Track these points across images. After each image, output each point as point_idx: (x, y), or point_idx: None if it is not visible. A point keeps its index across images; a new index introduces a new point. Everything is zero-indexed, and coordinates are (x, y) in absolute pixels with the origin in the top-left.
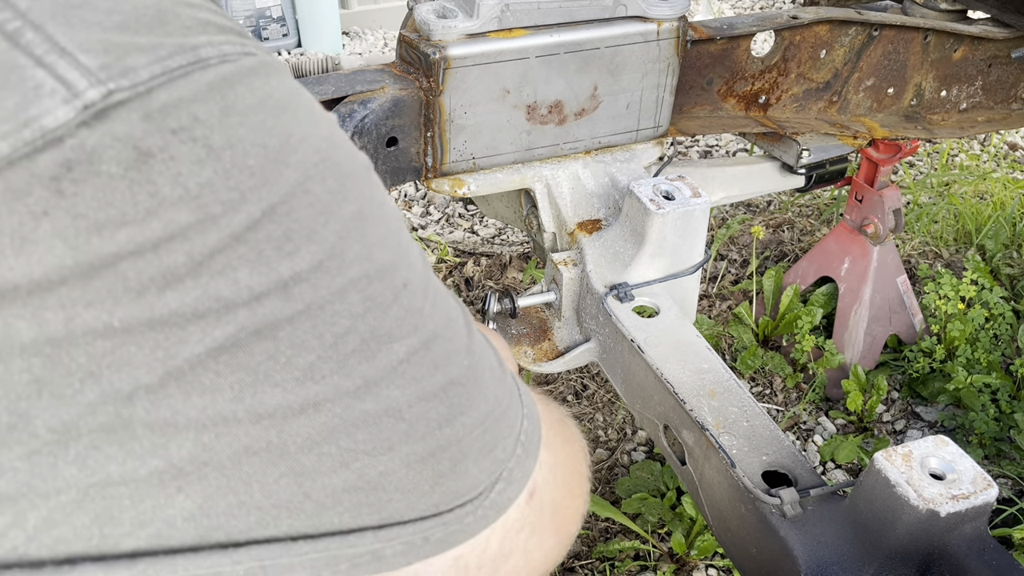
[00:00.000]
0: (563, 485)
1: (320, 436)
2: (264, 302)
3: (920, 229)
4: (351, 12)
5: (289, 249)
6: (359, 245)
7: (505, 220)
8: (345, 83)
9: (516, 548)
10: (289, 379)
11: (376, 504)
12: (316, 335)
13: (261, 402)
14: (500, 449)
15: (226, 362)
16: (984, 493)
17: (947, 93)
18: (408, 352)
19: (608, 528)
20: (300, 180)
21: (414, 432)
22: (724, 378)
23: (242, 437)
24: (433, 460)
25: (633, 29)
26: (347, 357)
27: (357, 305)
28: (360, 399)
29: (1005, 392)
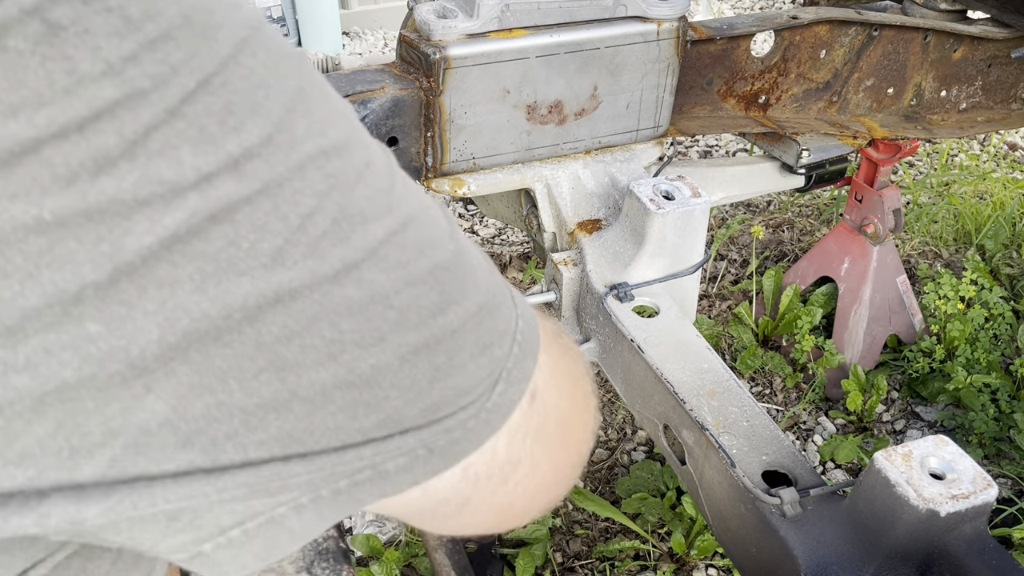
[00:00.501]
0: (566, 394)
1: (299, 326)
2: (215, 183)
3: (920, 229)
4: (351, 12)
5: (233, 123)
6: (307, 120)
7: (505, 220)
8: (345, 83)
9: (524, 455)
10: (256, 266)
11: (372, 402)
12: (280, 216)
13: (227, 291)
14: (497, 346)
15: (181, 251)
16: (984, 493)
17: (947, 93)
18: (387, 232)
19: (608, 528)
20: (231, 53)
21: (405, 320)
22: (724, 378)
23: (211, 331)
24: (429, 352)
25: (633, 29)
26: (319, 239)
27: (319, 182)
28: (340, 284)
29: (1005, 392)
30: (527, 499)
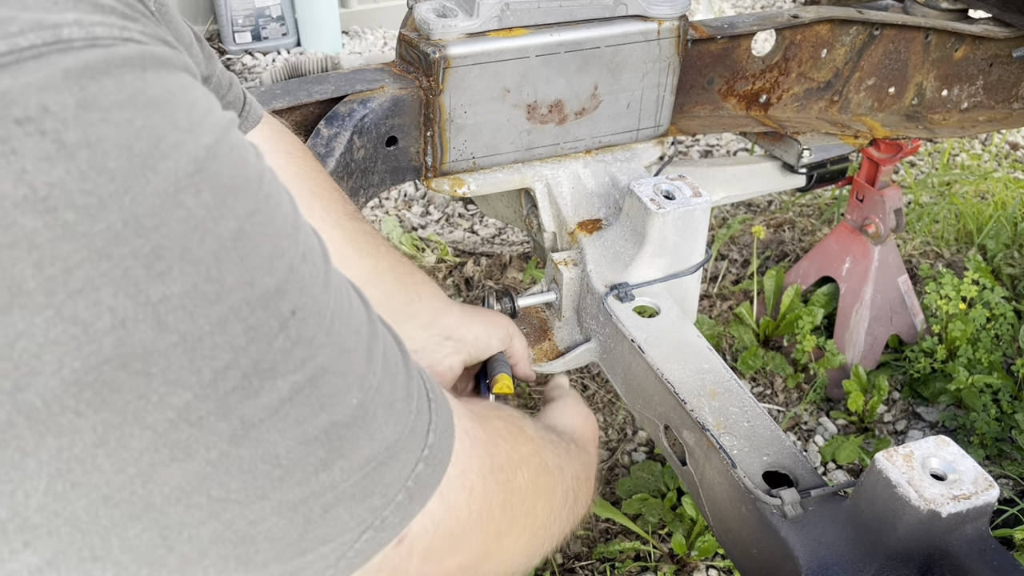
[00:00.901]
0: (447, 535)
1: (190, 486)
2: (133, 330)
3: (921, 229)
4: (351, 11)
5: (160, 268)
6: (239, 268)
7: (505, 220)
8: (345, 82)
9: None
10: (161, 420)
11: (243, 556)
12: (194, 370)
13: (127, 446)
14: (379, 496)
15: (88, 400)
16: (985, 493)
17: (948, 92)
18: (292, 390)
19: (608, 529)
20: (170, 191)
21: (289, 478)
22: (725, 378)
23: (102, 487)
24: (305, 507)
25: (633, 28)
26: (227, 396)
27: (239, 336)
28: (237, 444)
29: (1006, 392)
30: None
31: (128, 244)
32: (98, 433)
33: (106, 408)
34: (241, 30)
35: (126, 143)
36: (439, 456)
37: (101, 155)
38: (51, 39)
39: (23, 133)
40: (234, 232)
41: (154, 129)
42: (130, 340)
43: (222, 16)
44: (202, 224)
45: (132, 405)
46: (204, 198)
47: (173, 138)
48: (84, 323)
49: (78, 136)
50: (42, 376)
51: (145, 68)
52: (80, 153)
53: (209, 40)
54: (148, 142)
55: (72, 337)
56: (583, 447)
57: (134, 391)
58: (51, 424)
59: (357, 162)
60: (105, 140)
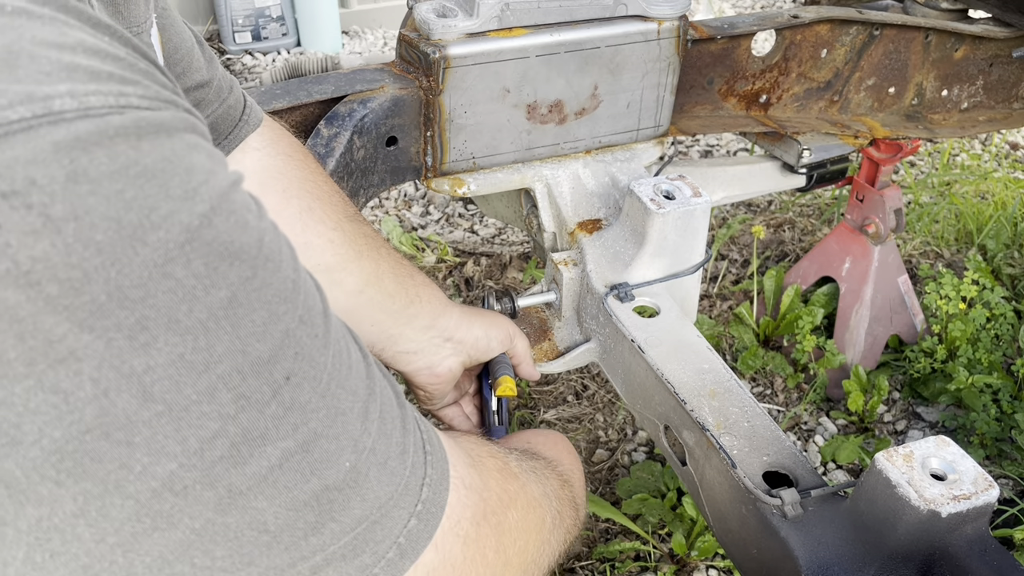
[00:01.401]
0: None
1: (174, 555)
2: (115, 400)
3: (921, 229)
4: (351, 11)
5: (144, 340)
6: (230, 336)
7: (505, 220)
8: (345, 82)
9: None
10: (144, 490)
11: None
12: (179, 440)
13: (108, 516)
14: (369, 553)
15: (69, 470)
16: (985, 494)
17: (948, 92)
18: (283, 456)
19: (608, 529)
20: (159, 262)
21: (277, 544)
22: (725, 378)
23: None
24: (293, 571)
25: (633, 28)
26: (213, 464)
27: (228, 405)
28: (223, 513)
29: (1006, 392)
30: None
31: (112, 316)
32: (78, 503)
33: (87, 478)
34: (241, 30)
35: (115, 215)
36: (432, 511)
37: (88, 228)
38: (41, 111)
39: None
40: (226, 301)
41: (146, 200)
42: (112, 410)
43: (222, 16)
44: (191, 294)
45: (114, 475)
46: (195, 267)
47: (166, 208)
48: (65, 392)
49: (65, 210)
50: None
51: (141, 136)
52: (67, 227)
53: (209, 40)
54: (139, 213)
55: (52, 407)
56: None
57: (116, 460)
58: (30, 494)
59: (357, 162)
60: (93, 213)
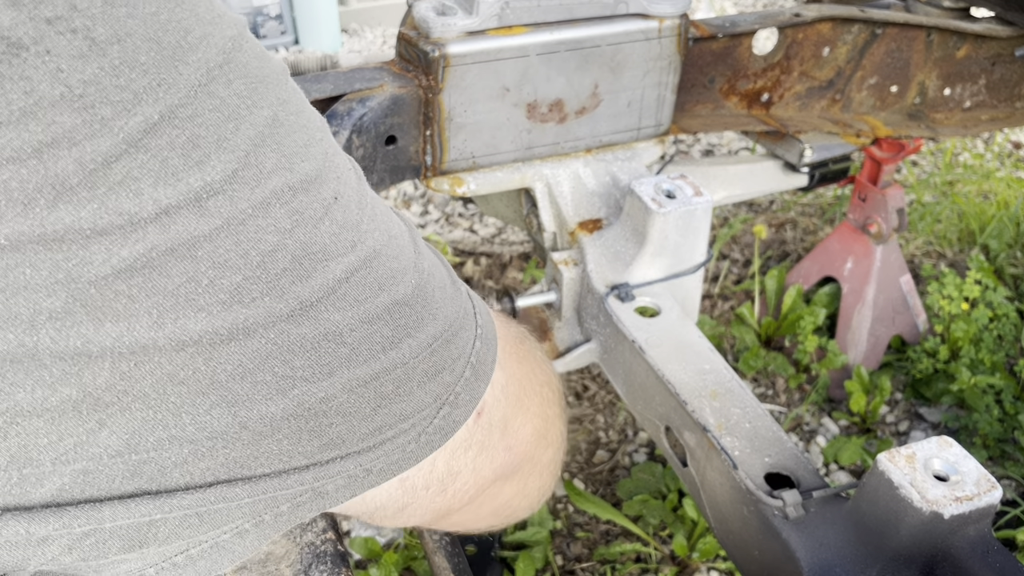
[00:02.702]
0: (515, 402)
1: (253, 364)
2: (176, 217)
3: (924, 228)
4: (350, 9)
5: (197, 157)
6: (277, 154)
7: (505, 219)
8: (344, 81)
9: (464, 467)
10: (214, 302)
11: (316, 430)
12: (240, 253)
13: (184, 328)
14: (448, 372)
15: (140, 285)
16: (988, 495)
17: (950, 91)
18: (347, 271)
19: (609, 530)
20: (202, 81)
21: (356, 356)
22: (726, 379)
23: (165, 365)
24: (376, 383)
25: (634, 27)
26: (278, 277)
27: (283, 219)
28: (296, 323)
29: (1009, 393)
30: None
31: (164, 135)
32: (153, 316)
33: (157, 292)
34: None
35: (155, 36)
36: (489, 335)
37: (132, 50)
38: None
39: (55, 32)
40: (269, 119)
41: (180, 22)
42: (174, 227)
43: None
44: (236, 112)
45: (183, 288)
46: (236, 87)
47: (199, 31)
48: (128, 214)
49: (108, 32)
50: (93, 265)
51: None
52: (111, 49)
53: None
54: (176, 35)
55: (118, 227)
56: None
57: (183, 275)
58: (108, 310)
59: (356, 161)
60: (134, 35)
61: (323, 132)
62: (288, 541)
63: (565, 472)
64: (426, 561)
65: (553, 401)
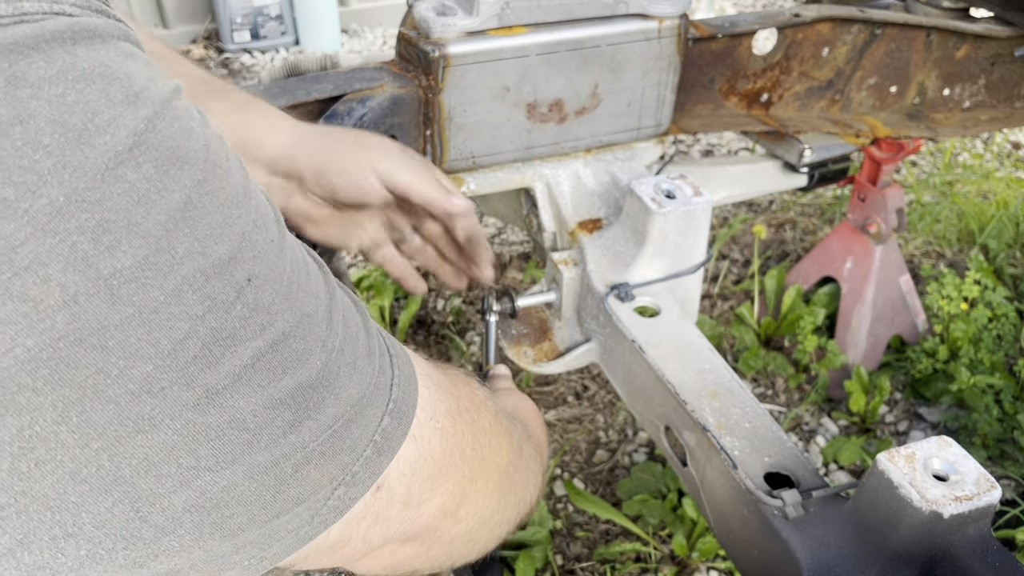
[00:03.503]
0: (424, 479)
1: (159, 456)
2: (86, 305)
3: (923, 229)
4: (350, 10)
5: (108, 242)
6: (190, 239)
7: (505, 219)
8: (344, 81)
9: (355, 536)
10: (123, 393)
11: (218, 521)
12: (152, 342)
13: (90, 422)
14: (347, 452)
15: (45, 377)
16: (987, 495)
17: (950, 91)
18: (254, 356)
19: (609, 530)
20: (110, 165)
21: (257, 442)
22: (726, 379)
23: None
24: (276, 469)
25: (634, 27)
26: (188, 365)
27: (195, 306)
28: (202, 412)
29: (1008, 393)
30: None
31: (73, 219)
32: (58, 410)
33: (64, 384)
34: (239, 29)
35: (59, 119)
36: (404, 409)
37: (35, 132)
38: None
39: None
40: (181, 203)
41: (88, 104)
42: (83, 315)
43: (220, 15)
44: (146, 197)
45: (91, 380)
46: (146, 171)
47: (109, 113)
48: (34, 300)
49: (10, 113)
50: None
51: (76, 42)
52: (13, 131)
53: (207, 39)
54: (83, 117)
55: (23, 315)
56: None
57: (92, 366)
58: (9, 404)
59: None
60: (38, 117)
61: (242, 208)
62: None
63: (565, 472)
64: None
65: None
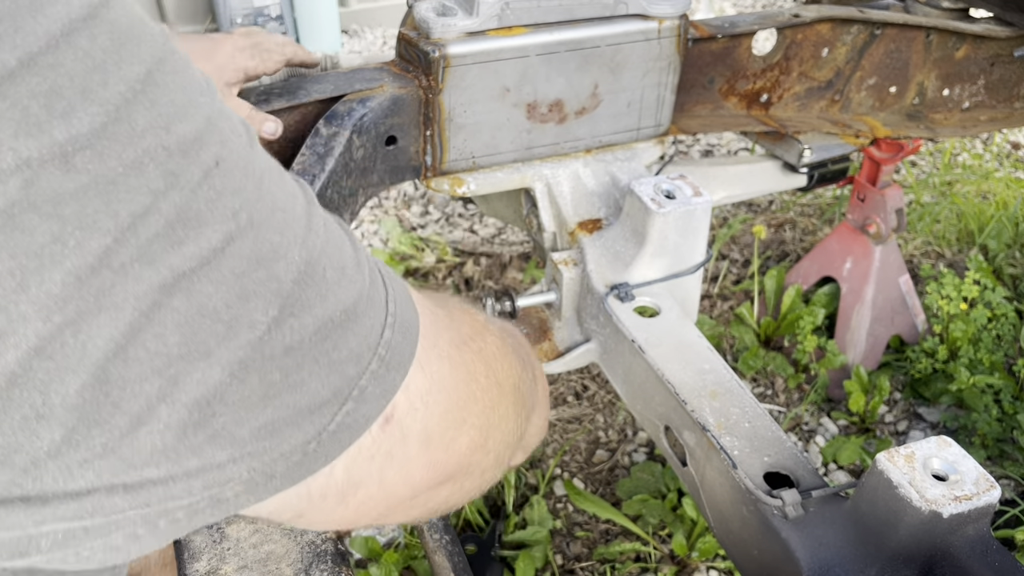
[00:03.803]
0: (442, 414)
1: (125, 338)
2: (39, 171)
3: (922, 229)
4: (350, 10)
5: (61, 108)
6: (151, 113)
7: (505, 219)
8: (344, 81)
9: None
10: (82, 266)
11: (200, 420)
12: (110, 213)
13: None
14: (351, 363)
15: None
16: (987, 494)
17: (949, 92)
18: (224, 240)
19: (609, 530)
20: (64, 31)
21: (233, 335)
22: (726, 379)
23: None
24: (260, 369)
25: (634, 27)
26: (150, 242)
27: (157, 180)
28: (168, 294)
29: (1008, 393)
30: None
31: (24, 83)
32: (16, 278)
33: (20, 252)
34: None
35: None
36: (406, 325)
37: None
38: None
39: None
40: (141, 76)
41: None
42: (37, 181)
43: (221, 15)
44: (102, 66)
45: (48, 249)
46: (101, 42)
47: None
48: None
49: None
50: None
51: None
52: None
53: None
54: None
55: None
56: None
57: (48, 234)
58: None
59: (356, 161)
60: None
61: (208, 95)
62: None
63: (565, 472)
64: (426, 560)
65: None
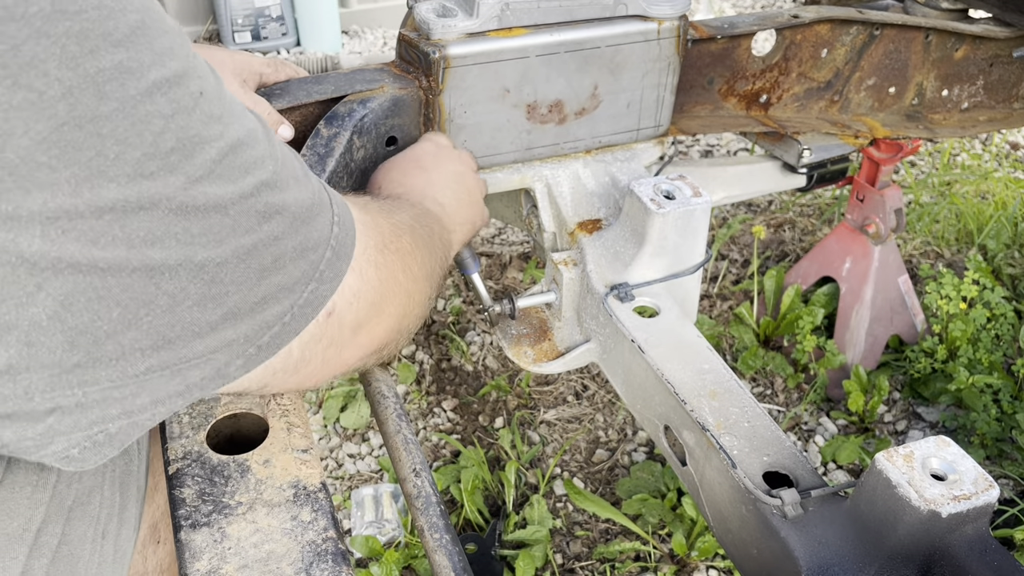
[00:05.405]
0: (368, 307)
1: (161, 231)
2: (79, 96)
3: (922, 229)
4: (350, 11)
5: (90, 46)
6: (150, 52)
7: (505, 220)
8: (344, 82)
9: (315, 356)
10: (121, 174)
11: (218, 297)
12: (136, 132)
13: (100, 196)
14: (313, 251)
15: (57, 156)
16: (985, 494)
17: (948, 92)
18: (220, 153)
19: (609, 529)
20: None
21: (239, 226)
22: (725, 378)
23: (87, 231)
24: (258, 254)
25: (634, 28)
26: (168, 154)
27: (164, 106)
28: (189, 194)
29: (1007, 392)
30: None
31: (60, 24)
32: (72, 185)
33: (73, 163)
34: (241, 30)
35: None
36: (347, 225)
37: None
38: None
39: None
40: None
41: None
42: (79, 106)
43: (221, 16)
44: (113, 12)
45: (94, 161)
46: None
47: None
48: (39, 91)
49: None
50: (15, 137)
51: None
52: None
53: (209, 40)
54: None
55: (31, 103)
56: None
57: (92, 148)
58: (31, 179)
59: (357, 162)
60: None
61: (182, 38)
62: (289, 540)
63: (565, 471)
64: (426, 559)
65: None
